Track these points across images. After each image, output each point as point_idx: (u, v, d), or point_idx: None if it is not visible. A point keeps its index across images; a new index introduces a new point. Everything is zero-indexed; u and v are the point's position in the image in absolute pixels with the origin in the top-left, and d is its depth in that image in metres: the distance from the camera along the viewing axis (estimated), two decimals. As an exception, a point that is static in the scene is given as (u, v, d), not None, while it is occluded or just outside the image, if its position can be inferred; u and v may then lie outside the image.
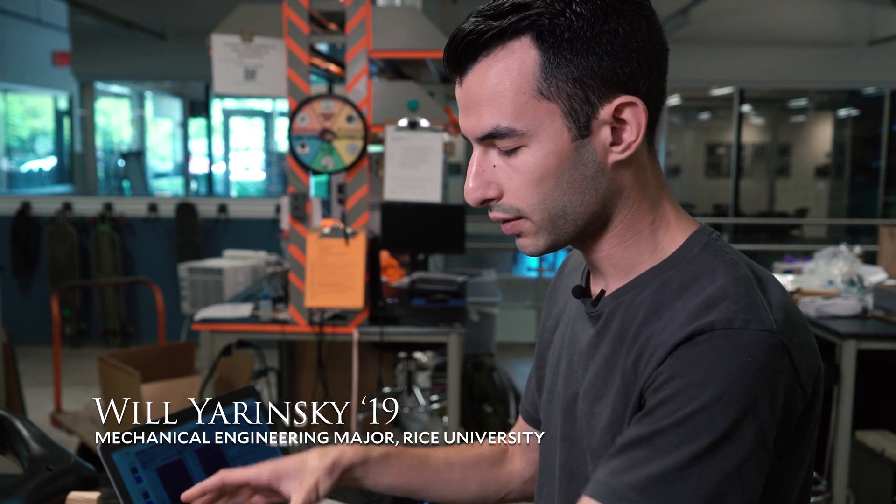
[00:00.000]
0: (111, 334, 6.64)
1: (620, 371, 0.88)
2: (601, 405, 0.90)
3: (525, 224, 0.89)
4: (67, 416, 4.04)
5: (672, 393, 0.80)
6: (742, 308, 0.82)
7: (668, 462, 0.78)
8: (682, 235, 0.92)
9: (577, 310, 0.99)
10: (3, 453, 1.50)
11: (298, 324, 3.25)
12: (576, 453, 0.94)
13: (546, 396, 1.02)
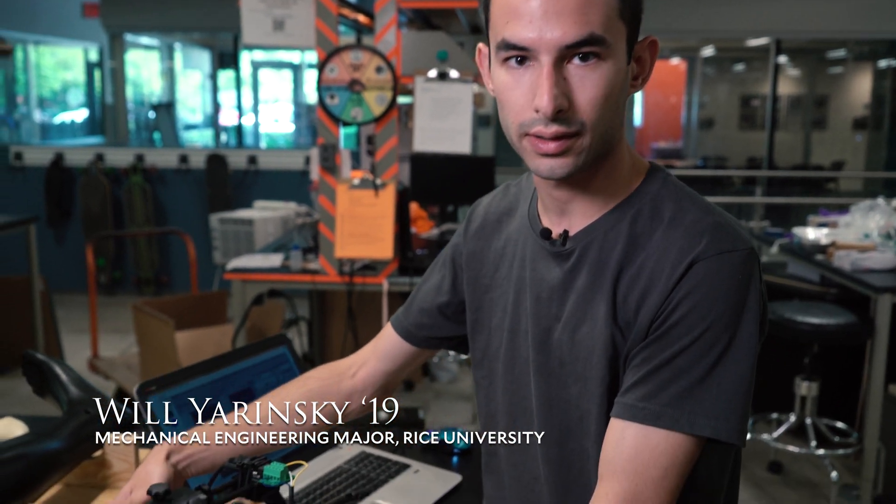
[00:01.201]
0: (145, 283, 6.74)
1: (605, 298, 0.95)
2: (583, 332, 0.97)
3: (578, 141, 0.92)
4: (104, 362, 4.12)
5: (681, 318, 0.91)
6: (724, 234, 0.93)
7: (691, 377, 0.90)
8: (642, 172, 1.01)
9: (536, 252, 1.04)
10: (43, 396, 1.54)
11: (328, 274, 3.27)
12: (554, 381, 1.00)
13: (507, 337, 1.07)
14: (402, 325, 1.23)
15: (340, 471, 1.54)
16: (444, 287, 1.19)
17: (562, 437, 1.01)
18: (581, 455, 1.00)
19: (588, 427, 0.98)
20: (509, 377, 1.08)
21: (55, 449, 1.28)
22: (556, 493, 1.02)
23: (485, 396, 1.14)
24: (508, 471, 1.10)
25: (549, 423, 1.02)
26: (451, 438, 1.67)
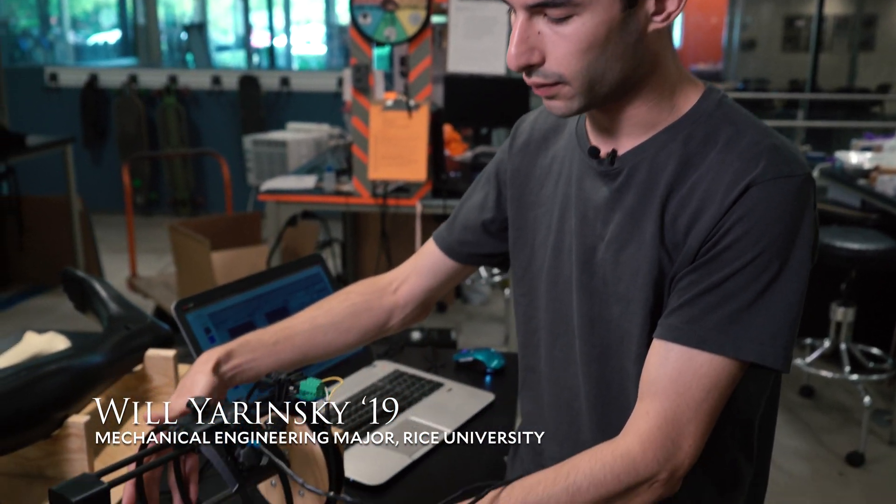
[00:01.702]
0: (180, 204, 6.80)
1: (653, 219, 0.94)
2: (628, 253, 0.96)
3: (563, 89, 0.93)
4: (143, 281, 4.20)
5: (732, 242, 0.89)
6: (782, 158, 0.90)
7: (739, 302, 0.89)
8: (695, 95, 0.98)
9: (583, 170, 1.02)
10: (84, 312, 1.57)
11: (362, 196, 3.27)
12: (597, 301, 1.00)
13: (551, 255, 1.06)
14: (444, 242, 1.23)
15: (375, 388, 1.56)
16: (487, 204, 1.18)
17: (602, 356, 1.01)
18: (621, 374, 1.00)
19: (629, 347, 0.98)
20: (552, 295, 1.07)
21: (97, 363, 1.31)
22: (595, 410, 1.03)
23: (523, 314, 1.14)
24: (548, 388, 1.11)
25: (590, 342, 1.01)
26: (484, 358, 1.68)
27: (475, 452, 1.38)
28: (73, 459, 1.22)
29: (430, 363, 1.72)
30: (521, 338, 1.15)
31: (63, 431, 1.21)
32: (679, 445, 0.90)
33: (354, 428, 1.41)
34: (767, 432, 1.05)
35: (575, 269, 1.02)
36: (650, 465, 0.89)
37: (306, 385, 0.98)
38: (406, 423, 1.44)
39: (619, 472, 0.89)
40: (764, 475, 1.06)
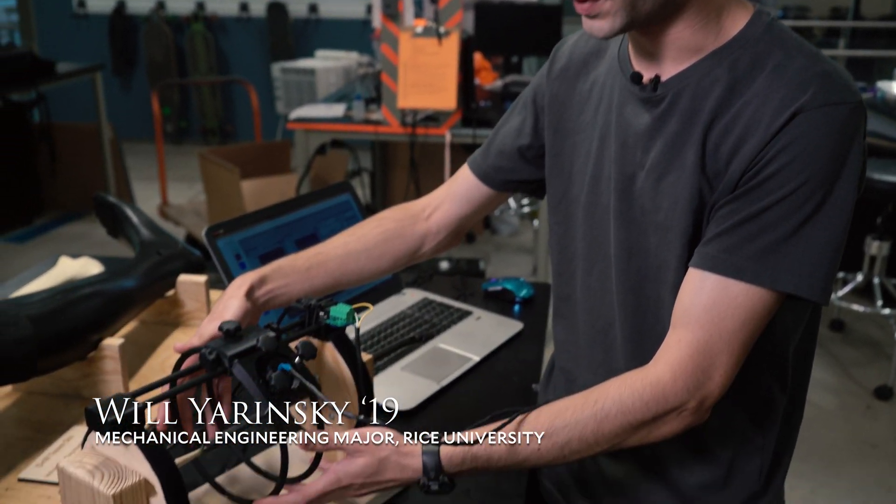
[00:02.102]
0: (210, 133, 6.80)
1: (695, 147, 0.91)
2: (668, 181, 0.94)
3: (605, 4, 0.90)
4: (173, 209, 4.23)
5: (776, 171, 0.86)
6: (833, 85, 0.87)
7: (779, 232, 0.87)
8: (744, 17, 0.93)
9: (624, 96, 1.00)
10: (116, 237, 1.59)
11: (391, 124, 3.24)
12: (634, 229, 0.98)
13: (589, 182, 1.04)
14: (479, 167, 1.21)
15: (403, 315, 1.57)
16: (524, 129, 1.16)
17: (639, 285, 0.99)
18: (657, 303, 0.98)
19: (666, 276, 0.96)
20: (588, 224, 1.05)
21: (129, 287, 1.32)
22: (629, 339, 1.02)
23: (558, 242, 1.13)
24: (582, 316, 1.10)
25: (626, 271, 1.00)
26: (513, 287, 1.68)
27: (503, 380, 1.39)
28: (109, 381, 1.25)
29: (458, 292, 1.72)
30: (555, 266, 1.14)
31: (98, 353, 1.24)
32: (710, 375, 0.89)
33: (383, 354, 1.42)
34: (803, 363, 1.04)
35: (613, 197, 1.00)
36: (679, 394, 0.89)
37: (336, 311, 0.98)
38: (435, 351, 1.45)
39: (648, 400, 0.89)
40: (799, 406, 1.06)
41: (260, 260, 1.39)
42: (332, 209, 1.55)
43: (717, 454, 1.02)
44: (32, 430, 1.18)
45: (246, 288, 1.04)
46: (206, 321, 1.01)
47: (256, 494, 0.99)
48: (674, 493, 1.03)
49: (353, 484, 0.91)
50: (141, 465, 0.79)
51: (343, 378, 1.02)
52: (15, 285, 1.65)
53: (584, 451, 0.92)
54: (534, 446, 0.91)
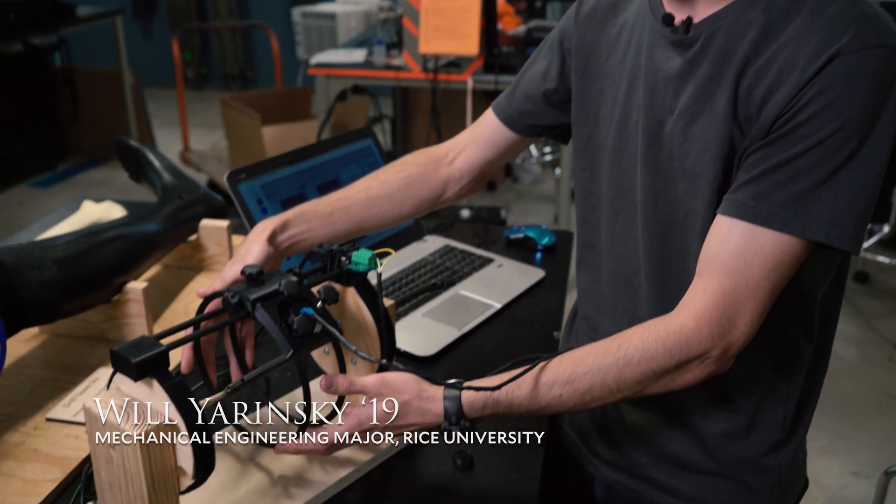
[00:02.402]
0: (231, 79, 6.77)
1: (727, 91, 0.89)
2: (698, 127, 0.92)
3: None
4: (195, 155, 4.23)
5: (810, 116, 0.83)
6: (873, 27, 0.83)
7: (811, 179, 0.84)
8: None
9: (654, 39, 0.97)
10: (139, 182, 1.59)
11: (412, 70, 3.21)
12: (662, 176, 0.96)
13: (615, 127, 1.02)
14: (504, 112, 1.19)
15: (425, 262, 1.57)
16: (550, 73, 1.13)
17: (665, 232, 0.97)
18: (683, 251, 0.96)
19: (693, 224, 0.94)
20: (615, 169, 1.03)
21: (152, 231, 1.33)
22: (654, 287, 1.00)
23: (583, 188, 1.11)
24: (607, 264, 1.08)
25: (653, 218, 0.98)
26: (535, 235, 1.67)
27: (525, 327, 1.39)
28: (133, 324, 1.26)
29: (480, 239, 1.71)
30: (579, 213, 1.13)
31: (122, 297, 1.24)
32: (734, 323, 0.88)
33: (405, 300, 1.42)
34: (831, 312, 1.03)
35: (641, 143, 0.98)
36: (703, 342, 0.88)
37: (358, 256, 0.98)
38: (456, 297, 1.45)
39: (672, 347, 0.88)
40: (824, 356, 1.05)
41: (282, 205, 1.39)
42: (353, 154, 1.54)
43: (741, 403, 1.01)
44: (59, 371, 1.20)
45: (268, 233, 1.04)
46: (228, 265, 1.01)
47: (279, 437, 1.00)
48: (696, 441, 1.03)
49: (375, 428, 0.92)
50: (166, 407, 0.80)
51: (365, 323, 1.02)
52: (39, 229, 1.66)
53: (605, 397, 0.91)
54: (555, 392, 0.91)
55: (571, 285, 1.58)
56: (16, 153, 4.88)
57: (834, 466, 2.55)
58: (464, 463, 1.03)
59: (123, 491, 0.82)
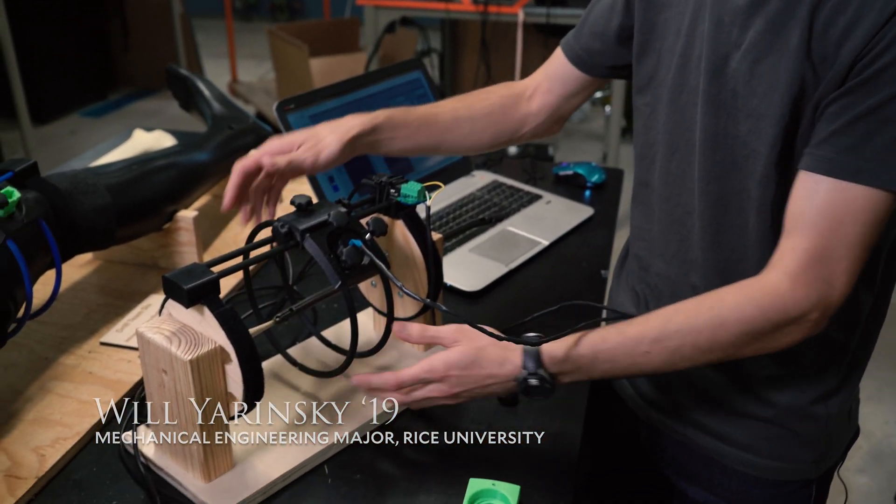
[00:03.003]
0: (278, 10, 6.72)
1: (799, 27, 0.83)
2: (766, 64, 0.86)
3: None
4: (243, 86, 4.23)
5: (894, 58, 0.77)
6: None
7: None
8: None
9: None
10: (189, 111, 1.59)
11: (462, 2, 3.14)
12: (723, 115, 0.91)
13: (677, 62, 0.97)
14: (572, 50, 1.15)
15: (473, 197, 1.55)
16: (616, 7, 1.08)
17: (723, 174, 0.93)
18: (741, 195, 0.93)
19: (753, 167, 0.90)
20: (674, 106, 0.99)
21: (202, 160, 1.33)
22: (708, 230, 0.97)
23: (643, 125, 1.07)
24: (660, 203, 1.04)
25: (711, 158, 0.94)
26: (584, 171, 1.65)
27: (572, 265, 1.37)
28: (183, 252, 1.27)
29: (528, 175, 1.69)
30: (636, 150, 1.09)
31: (173, 225, 1.26)
32: (831, 284, 0.84)
33: (452, 235, 1.41)
34: (893, 263, 0.99)
35: (703, 79, 0.93)
36: (801, 304, 0.84)
37: (408, 188, 0.97)
38: (503, 234, 1.44)
39: (768, 309, 0.84)
40: (883, 307, 1.01)
41: (330, 137, 1.38)
42: (402, 86, 1.52)
43: (793, 350, 0.99)
44: (112, 296, 1.22)
45: (355, 133, 1.02)
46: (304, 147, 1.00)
47: (325, 367, 1.01)
48: (744, 386, 1.02)
49: (449, 376, 0.89)
50: (216, 334, 0.81)
51: (412, 256, 1.01)
52: (92, 157, 1.68)
53: (696, 358, 0.87)
54: (642, 349, 0.87)
55: (620, 224, 1.56)
56: (68, 83, 4.92)
57: (880, 415, 2.52)
58: (508, 398, 1.03)
59: (175, 415, 0.84)
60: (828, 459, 1.05)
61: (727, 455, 1.05)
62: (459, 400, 0.92)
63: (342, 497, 0.88)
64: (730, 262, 0.97)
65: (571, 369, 0.89)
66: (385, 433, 0.97)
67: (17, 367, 1.06)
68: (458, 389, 0.90)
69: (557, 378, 0.89)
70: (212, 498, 0.85)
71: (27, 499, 0.87)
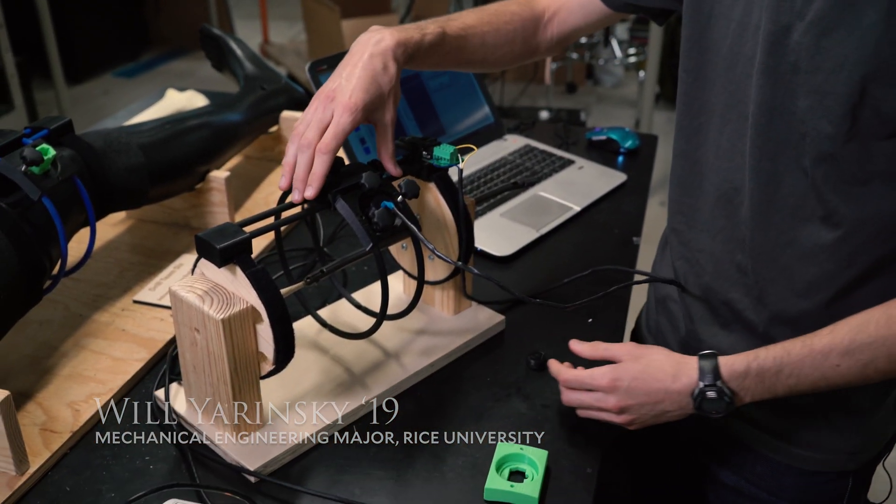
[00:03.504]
0: (310, -29, 6.67)
1: (876, 3, 0.75)
2: (835, 38, 0.79)
3: None
4: (274, 48, 4.22)
5: None
6: None
7: None
8: None
9: None
10: (221, 71, 1.59)
11: (497, -37, 3.10)
12: (781, 89, 0.85)
13: (734, 30, 0.91)
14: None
15: (505, 161, 1.54)
16: None
17: (777, 151, 0.87)
18: (795, 174, 0.86)
19: (812, 146, 0.84)
20: (727, 76, 0.92)
21: (235, 120, 1.33)
22: (758, 209, 0.91)
23: (686, 93, 1.00)
24: (708, 177, 0.98)
25: (764, 134, 0.87)
26: (618, 137, 1.63)
27: (604, 231, 1.36)
28: (215, 212, 1.28)
29: (561, 140, 1.67)
30: (679, 119, 1.03)
31: (206, 185, 1.26)
32: None
33: (483, 199, 1.40)
34: None
35: (760, 49, 0.86)
36: None
37: (440, 150, 0.96)
38: (535, 198, 1.43)
39: None
40: None
41: (362, 98, 1.37)
42: (435, 49, 1.50)
43: None
44: (145, 255, 1.23)
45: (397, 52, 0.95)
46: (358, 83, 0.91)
47: (354, 330, 1.02)
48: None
49: (616, 387, 0.87)
50: (248, 293, 0.81)
51: (444, 220, 1.01)
52: (125, 116, 1.68)
53: (890, 371, 0.82)
54: (832, 362, 0.82)
55: (654, 190, 1.55)
56: (101, 43, 4.94)
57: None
58: (537, 363, 1.02)
59: (207, 373, 0.85)
60: (868, 451, 1.01)
61: (758, 440, 1.02)
62: (629, 418, 0.89)
63: (370, 458, 0.89)
64: (779, 243, 0.92)
65: (753, 384, 0.85)
66: (415, 393, 0.98)
67: (52, 323, 1.07)
68: (626, 402, 0.88)
69: (737, 396, 0.85)
70: (242, 456, 0.86)
71: (62, 452, 0.88)
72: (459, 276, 1.06)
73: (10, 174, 0.92)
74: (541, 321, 1.12)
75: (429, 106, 1.48)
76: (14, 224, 0.90)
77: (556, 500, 0.84)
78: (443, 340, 1.04)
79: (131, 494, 0.79)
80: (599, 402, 0.89)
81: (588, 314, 1.13)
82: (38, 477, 0.85)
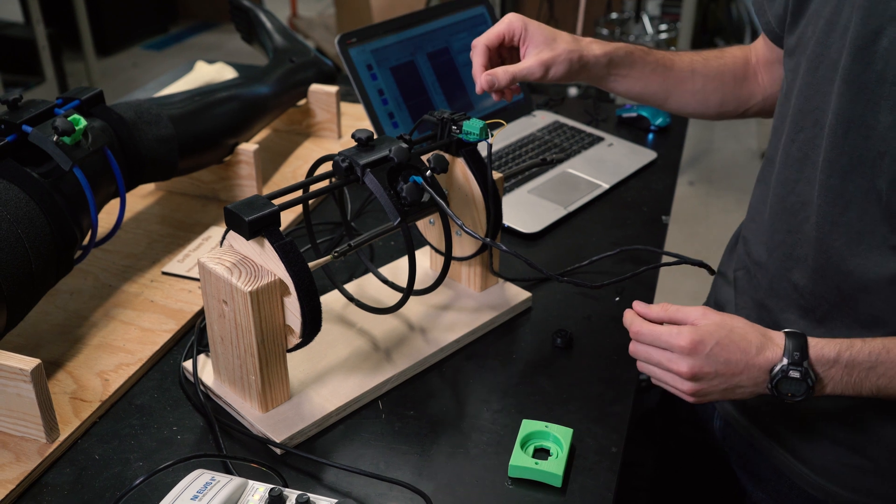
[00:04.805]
0: (339, -56, 6.63)
1: None
2: None
3: None
4: (303, 22, 4.21)
5: None
6: None
7: None
8: None
9: None
10: (251, 43, 1.58)
11: (528, -63, 3.06)
12: (863, 99, 0.79)
13: (822, 28, 0.86)
14: (766, 22, 1.01)
15: (533, 137, 1.53)
16: None
17: (851, 169, 0.81)
18: (869, 194, 0.81)
19: (890, 168, 0.78)
20: (808, 78, 0.86)
21: (264, 93, 1.33)
22: (821, 228, 0.86)
23: (784, 95, 0.95)
24: (776, 186, 0.93)
25: (839, 148, 0.82)
26: (649, 114, 1.61)
27: (633, 209, 1.35)
28: (244, 185, 1.28)
29: (590, 117, 1.66)
30: (775, 120, 0.98)
31: (234, 158, 1.26)
32: None
33: (511, 175, 1.39)
34: None
35: (846, 53, 0.80)
36: None
37: (469, 125, 0.96)
38: (563, 175, 1.41)
39: None
40: None
41: (391, 72, 1.36)
42: (465, 22, 1.49)
43: None
44: (174, 227, 1.24)
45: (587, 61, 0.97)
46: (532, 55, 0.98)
47: (381, 304, 1.02)
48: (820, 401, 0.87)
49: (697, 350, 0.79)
50: (276, 266, 0.81)
51: (472, 195, 1.00)
52: (154, 88, 1.69)
53: None
54: None
55: (684, 168, 1.53)
56: (130, 15, 4.95)
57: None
58: (563, 341, 1.02)
59: (234, 345, 0.85)
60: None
61: (797, 474, 0.98)
62: (696, 388, 0.80)
63: (395, 433, 0.89)
64: (840, 270, 0.86)
65: (839, 375, 0.78)
66: (441, 369, 0.98)
67: (82, 293, 1.08)
68: (702, 369, 0.79)
69: (820, 383, 0.78)
70: (268, 428, 0.86)
71: (91, 421, 0.89)
72: (487, 253, 1.05)
73: (42, 144, 0.92)
74: (567, 299, 1.11)
75: (458, 80, 1.46)
76: (46, 194, 0.91)
77: (580, 479, 0.84)
78: (469, 317, 1.04)
79: (159, 464, 0.80)
80: (671, 362, 0.81)
81: (615, 293, 1.13)
82: (68, 445, 0.86)
